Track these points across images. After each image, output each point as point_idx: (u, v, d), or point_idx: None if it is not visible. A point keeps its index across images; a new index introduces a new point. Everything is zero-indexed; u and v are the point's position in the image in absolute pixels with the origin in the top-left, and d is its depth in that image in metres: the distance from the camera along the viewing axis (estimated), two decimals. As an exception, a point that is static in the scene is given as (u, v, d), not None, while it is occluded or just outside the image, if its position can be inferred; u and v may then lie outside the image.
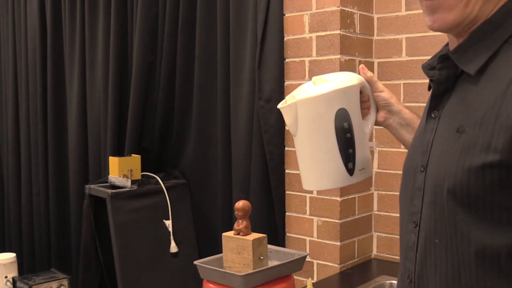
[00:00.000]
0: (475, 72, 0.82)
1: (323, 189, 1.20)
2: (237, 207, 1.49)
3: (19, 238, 3.40)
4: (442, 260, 0.83)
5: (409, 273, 0.91)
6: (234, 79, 2.25)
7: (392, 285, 1.87)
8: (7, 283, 2.31)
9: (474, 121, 0.79)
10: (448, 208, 0.81)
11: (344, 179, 1.13)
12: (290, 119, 1.13)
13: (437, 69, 0.88)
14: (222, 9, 2.28)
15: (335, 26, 1.96)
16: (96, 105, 2.86)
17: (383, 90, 1.18)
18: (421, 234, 0.87)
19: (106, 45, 2.75)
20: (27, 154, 3.29)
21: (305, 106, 1.11)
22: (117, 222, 2.28)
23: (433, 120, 0.89)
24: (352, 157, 1.11)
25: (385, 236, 2.15)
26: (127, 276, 2.26)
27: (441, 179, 0.82)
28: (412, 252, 0.90)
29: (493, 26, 0.83)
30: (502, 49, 0.82)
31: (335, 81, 1.12)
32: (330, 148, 1.10)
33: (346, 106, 1.10)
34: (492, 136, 0.76)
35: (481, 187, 0.77)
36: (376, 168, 2.14)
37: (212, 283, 1.50)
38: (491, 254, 0.77)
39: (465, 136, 0.80)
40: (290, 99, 1.14)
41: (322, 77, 1.15)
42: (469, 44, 0.85)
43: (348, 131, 1.10)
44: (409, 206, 0.91)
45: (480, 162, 0.77)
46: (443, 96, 0.88)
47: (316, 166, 1.14)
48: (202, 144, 2.46)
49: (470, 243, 0.79)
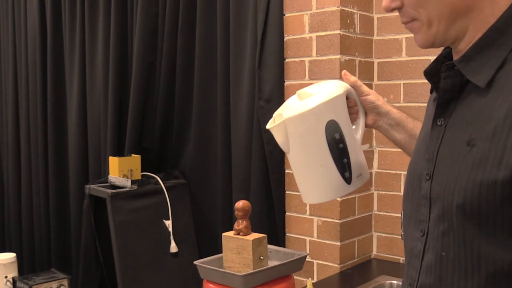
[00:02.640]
0: (486, 85, 0.81)
1: (323, 201, 1.20)
2: (237, 207, 1.49)
3: (19, 238, 3.40)
4: (449, 273, 0.82)
5: (412, 281, 0.90)
6: (234, 79, 2.25)
7: (392, 285, 1.87)
8: (7, 283, 2.31)
9: (486, 134, 0.78)
10: (457, 222, 0.80)
11: (343, 188, 1.13)
12: (280, 138, 1.13)
13: (442, 78, 0.87)
14: (222, 9, 2.28)
15: (335, 26, 1.96)
16: (96, 105, 2.86)
17: (369, 93, 1.18)
18: (428, 245, 0.86)
19: (106, 45, 2.75)
20: (27, 154, 3.29)
21: (294, 124, 1.10)
22: (117, 222, 2.28)
23: (438, 128, 0.88)
24: (347, 166, 1.11)
25: (385, 236, 2.15)
26: (127, 276, 2.26)
27: (450, 193, 0.81)
28: (417, 260, 0.89)
29: (498, 32, 0.82)
30: (509, 57, 0.80)
31: (321, 94, 1.10)
32: (325, 161, 1.10)
33: (335, 117, 1.10)
34: (504, 151, 0.75)
35: (492, 202, 0.75)
36: (376, 168, 2.14)
37: (212, 283, 1.50)
38: (502, 270, 0.77)
39: (476, 150, 0.78)
40: (278, 118, 1.13)
41: (306, 90, 1.14)
42: (475, 52, 0.83)
43: (340, 142, 1.10)
44: (416, 213, 0.90)
45: (492, 178, 0.75)
46: (449, 104, 0.87)
47: (313, 179, 1.14)
48: (202, 144, 2.46)
49: (480, 259, 0.78)
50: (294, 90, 2.08)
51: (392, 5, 0.89)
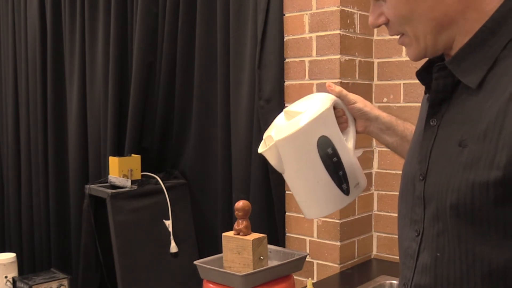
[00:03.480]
0: (477, 86, 0.81)
1: (325, 215, 1.22)
2: (237, 207, 1.49)
3: (19, 238, 3.40)
4: (444, 274, 0.82)
5: (406, 281, 0.90)
6: (234, 79, 2.24)
7: (392, 285, 1.87)
8: (7, 283, 2.31)
9: (477, 135, 0.78)
10: (451, 223, 0.80)
11: (342, 200, 1.14)
12: (274, 160, 1.13)
13: (434, 79, 0.87)
14: (222, 9, 2.28)
15: (335, 26, 1.96)
16: (96, 105, 2.86)
17: (356, 101, 1.17)
18: (423, 245, 0.86)
19: (106, 45, 2.75)
20: (27, 154, 3.29)
21: (286, 145, 1.10)
22: (117, 222, 2.28)
23: (432, 128, 0.88)
24: (343, 178, 1.12)
25: (385, 236, 2.15)
26: (127, 276, 2.26)
27: (443, 194, 0.81)
28: (412, 260, 0.89)
29: (489, 32, 0.82)
30: (500, 57, 0.80)
31: (308, 111, 1.10)
32: (321, 177, 1.11)
33: (325, 132, 1.10)
34: (495, 152, 0.75)
35: (485, 202, 0.76)
36: (376, 168, 2.14)
37: (212, 283, 1.50)
38: (497, 270, 0.77)
39: (467, 151, 0.78)
40: (268, 140, 1.13)
41: (293, 108, 1.14)
42: (466, 52, 0.83)
43: (334, 155, 1.10)
44: (411, 213, 0.90)
45: (484, 178, 0.75)
46: (441, 104, 0.87)
47: (312, 196, 1.15)
48: (202, 144, 2.46)
49: (475, 259, 0.78)
50: (294, 90, 2.08)
51: (378, 22, 0.91)
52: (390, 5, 0.87)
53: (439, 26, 0.84)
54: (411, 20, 0.85)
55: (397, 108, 2.07)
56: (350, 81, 2.02)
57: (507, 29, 0.81)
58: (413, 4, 0.84)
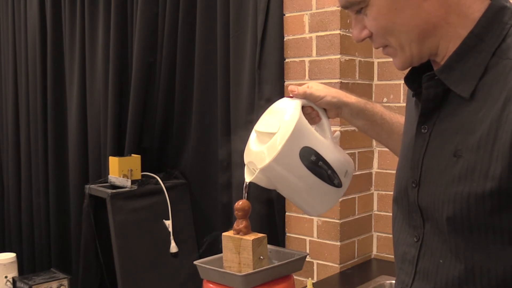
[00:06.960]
0: (470, 95, 0.80)
1: (325, 212, 1.24)
2: (237, 207, 1.49)
3: (19, 238, 3.40)
4: (443, 281, 0.82)
5: (404, 286, 0.90)
6: (234, 79, 2.24)
7: (392, 285, 1.87)
8: (7, 283, 2.31)
9: (471, 145, 0.78)
10: (449, 235, 0.80)
11: (337, 193, 1.17)
12: (264, 183, 1.15)
13: (424, 88, 0.86)
14: (222, 9, 2.28)
15: (335, 26, 1.96)
16: (96, 105, 2.86)
17: (323, 96, 1.15)
18: (424, 251, 0.86)
19: (106, 45, 2.75)
20: (27, 154, 3.29)
21: (271, 170, 1.10)
22: (117, 222, 2.28)
23: (423, 135, 0.87)
24: (333, 175, 1.13)
25: (385, 236, 2.15)
26: (127, 276, 2.26)
27: (439, 205, 0.81)
28: (410, 266, 0.89)
29: (477, 38, 0.81)
30: (490, 64, 0.80)
31: (281, 130, 1.10)
32: (312, 184, 1.12)
33: (303, 143, 1.09)
34: (490, 162, 0.75)
35: (482, 213, 0.76)
36: (376, 168, 2.14)
37: (212, 283, 1.50)
38: (497, 280, 0.77)
39: (462, 162, 0.78)
40: (251, 166, 1.14)
41: (263, 129, 1.16)
42: (455, 60, 0.83)
43: (319, 160, 1.10)
44: (409, 219, 0.90)
45: (479, 190, 0.76)
46: (432, 112, 0.87)
47: (308, 200, 1.19)
48: (202, 144, 2.46)
49: (474, 269, 0.78)
50: (294, 90, 2.08)
51: (361, 36, 0.90)
52: (371, 17, 0.86)
53: (422, 33, 0.84)
54: (393, 30, 0.85)
55: (397, 108, 2.07)
56: (350, 81, 2.02)
57: (494, 34, 0.80)
58: (394, 14, 0.83)
